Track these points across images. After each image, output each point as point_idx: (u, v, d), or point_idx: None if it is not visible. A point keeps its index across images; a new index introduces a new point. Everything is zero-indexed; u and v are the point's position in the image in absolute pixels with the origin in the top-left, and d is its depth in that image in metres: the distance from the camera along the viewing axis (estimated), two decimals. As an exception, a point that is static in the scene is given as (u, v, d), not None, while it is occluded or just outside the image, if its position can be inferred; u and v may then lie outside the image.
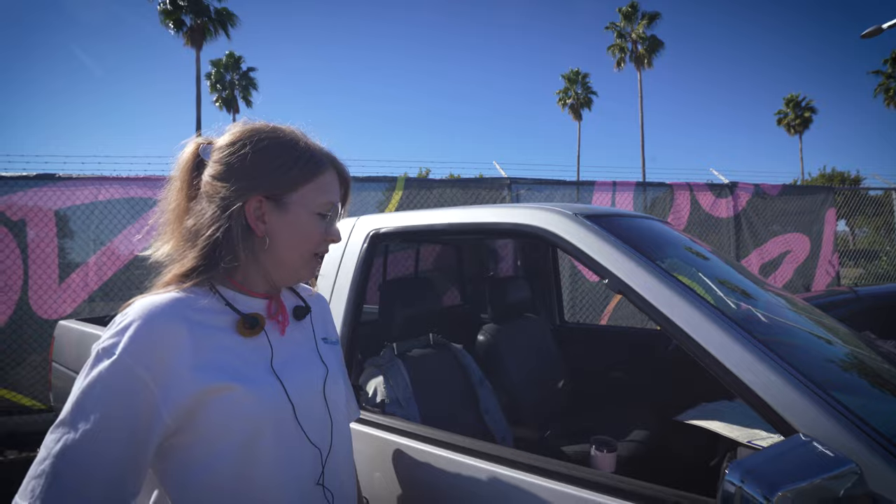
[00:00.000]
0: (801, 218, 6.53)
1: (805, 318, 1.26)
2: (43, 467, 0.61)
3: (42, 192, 4.35)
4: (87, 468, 0.62)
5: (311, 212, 0.79)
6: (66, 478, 0.61)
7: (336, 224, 0.84)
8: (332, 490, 0.80)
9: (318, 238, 0.80)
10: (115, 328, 0.67)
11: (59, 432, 0.63)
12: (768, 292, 1.35)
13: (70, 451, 0.62)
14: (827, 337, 1.18)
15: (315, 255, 0.81)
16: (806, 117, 34.42)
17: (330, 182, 0.82)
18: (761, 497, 0.53)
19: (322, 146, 0.84)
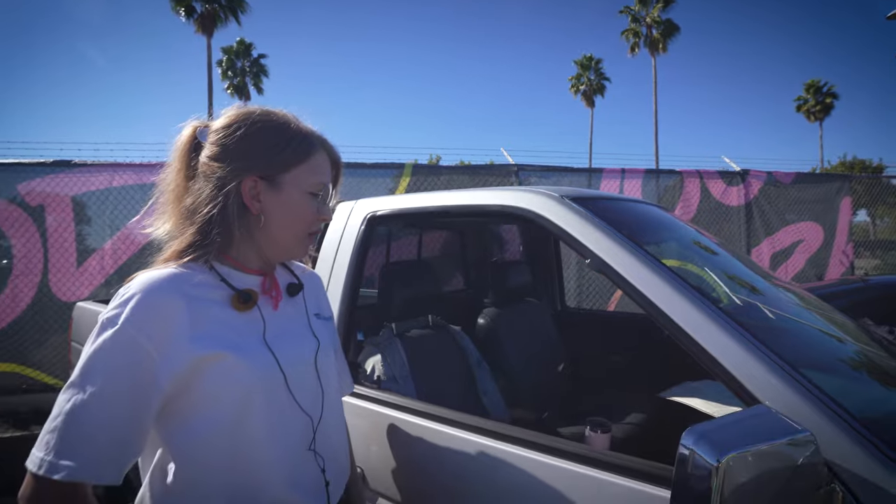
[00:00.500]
0: (815, 207, 6.41)
1: (800, 307, 1.28)
2: (56, 423, 0.67)
3: (59, 178, 4.47)
4: (94, 424, 0.67)
5: (304, 191, 0.83)
6: (75, 433, 0.67)
7: (328, 204, 0.87)
8: (324, 455, 0.85)
9: (310, 217, 0.84)
10: (118, 300, 0.73)
11: (69, 393, 0.69)
12: (760, 277, 1.37)
13: (79, 410, 0.67)
14: (814, 321, 1.20)
15: (308, 233, 0.85)
16: (827, 103, 33.52)
17: (321, 163, 0.85)
18: (712, 459, 0.56)
19: (313, 129, 0.87)
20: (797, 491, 0.64)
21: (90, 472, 0.67)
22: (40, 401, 4.35)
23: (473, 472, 1.03)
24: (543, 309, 2.48)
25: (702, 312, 0.82)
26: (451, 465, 1.06)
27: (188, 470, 0.75)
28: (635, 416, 1.96)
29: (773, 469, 0.62)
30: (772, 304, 1.18)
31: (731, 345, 0.77)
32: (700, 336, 0.80)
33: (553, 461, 0.92)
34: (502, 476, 0.98)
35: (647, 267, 0.90)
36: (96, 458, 0.67)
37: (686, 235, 1.45)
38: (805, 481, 0.64)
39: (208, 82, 23.32)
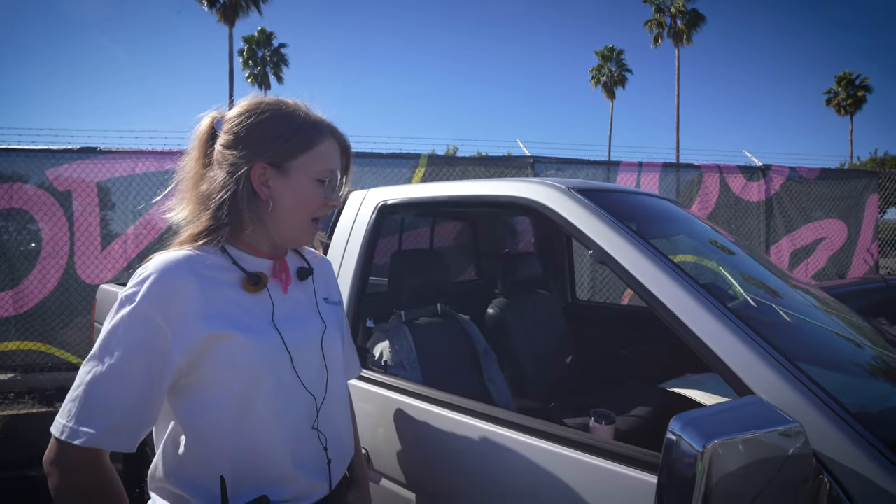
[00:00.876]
0: (840, 203, 6.24)
1: (805, 301, 1.27)
2: (77, 393, 0.72)
3: (85, 164, 4.60)
4: (111, 395, 0.72)
5: (311, 178, 0.85)
6: (94, 402, 0.71)
7: (337, 190, 0.89)
8: (326, 434, 0.89)
9: (317, 202, 0.86)
10: (136, 279, 0.77)
11: (89, 365, 0.73)
12: (774, 275, 1.36)
13: (98, 380, 0.72)
14: (824, 320, 1.19)
15: (314, 219, 0.87)
16: (859, 97, 32.38)
17: (329, 150, 0.87)
18: (698, 445, 0.58)
19: (323, 117, 0.90)
20: (786, 481, 0.65)
21: (107, 439, 0.71)
22: (65, 379, 4.53)
23: (476, 457, 1.06)
24: (553, 301, 2.49)
25: (699, 303, 0.82)
26: (455, 450, 1.09)
27: (197, 442, 0.79)
28: (641, 409, 1.96)
29: (762, 459, 0.63)
30: (783, 304, 1.18)
31: (727, 335, 0.78)
32: (697, 326, 0.81)
33: (556, 448, 0.94)
34: (505, 461, 1.01)
35: (649, 258, 0.91)
36: (112, 427, 0.71)
37: (698, 229, 1.45)
38: (794, 472, 0.65)
39: (229, 71, 23.57)
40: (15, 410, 3.98)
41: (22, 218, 4.55)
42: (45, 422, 1.64)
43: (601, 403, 1.92)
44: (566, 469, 0.91)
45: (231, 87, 23.40)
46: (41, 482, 1.94)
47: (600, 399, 2.08)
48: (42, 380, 4.51)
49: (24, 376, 4.53)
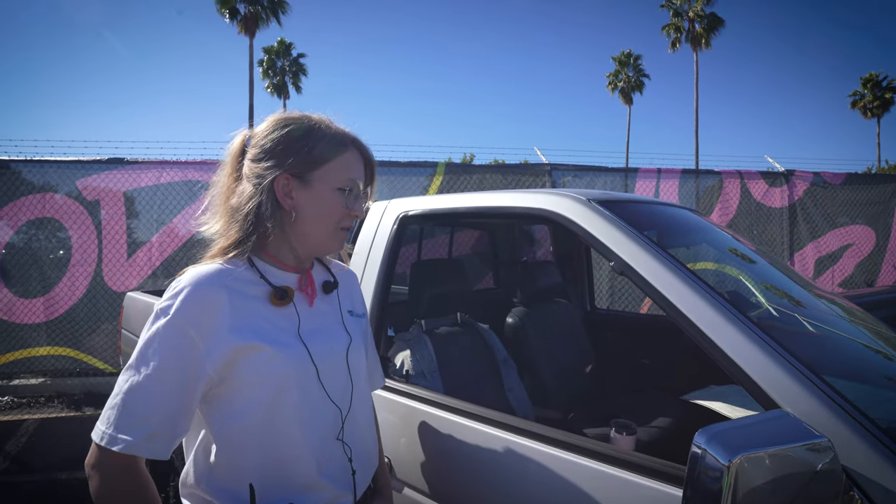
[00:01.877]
0: (868, 209, 6.08)
1: (830, 311, 1.25)
2: (115, 401, 0.76)
3: (112, 174, 4.75)
4: (147, 404, 0.75)
5: (333, 188, 0.87)
6: (131, 410, 0.75)
7: (360, 201, 0.91)
8: (351, 446, 0.90)
9: (339, 212, 0.88)
10: (170, 293, 0.81)
11: (127, 374, 0.77)
12: (797, 285, 1.34)
13: (135, 389, 0.76)
14: (851, 331, 1.17)
15: (340, 228, 0.89)
16: (886, 98, 31.51)
17: (351, 161, 0.89)
18: (724, 459, 0.58)
19: (346, 129, 0.92)
20: (814, 497, 0.65)
21: (142, 446, 0.74)
22: (92, 384, 4.65)
23: (498, 467, 1.07)
24: (573, 310, 2.48)
25: (722, 316, 0.82)
26: (477, 460, 1.10)
27: (227, 450, 0.82)
28: (662, 420, 1.94)
29: (790, 474, 0.63)
30: (807, 314, 1.16)
31: (751, 348, 0.78)
32: (720, 339, 0.80)
33: (578, 459, 0.94)
34: (527, 472, 1.01)
35: (670, 270, 0.91)
36: (148, 435, 0.74)
37: (719, 238, 1.44)
38: (823, 488, 0.65)
39: (250, 82, 24.08)
40: (45, 414, 4.10)
41: (53, 227, 4.72)
42: (73, 426, 1.66)
43: (621, 413, 1.91)
44: (588, 480, 0.92)
45: (251, 97, 23.89)
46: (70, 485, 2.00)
47: (620, 409, 2.06)
48: (70, 384, 4.64)
49: (54, 381, 4.67)
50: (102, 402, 2.86)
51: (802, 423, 0.64)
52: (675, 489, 0.81)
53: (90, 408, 4.25)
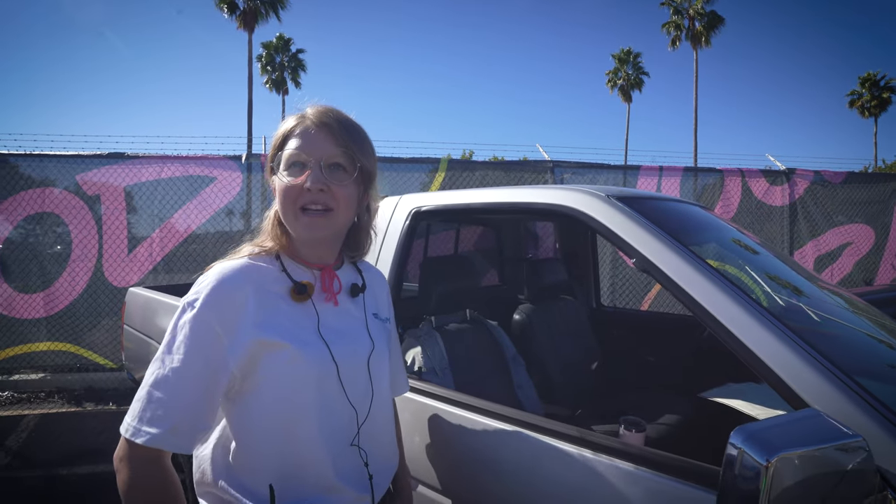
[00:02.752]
0: (867, 208, 6.10)
1: (851, 311, 1.25)
2: (142, 393, 0.76)
3: (113, 169, 4.72)
4: (171, 397, 0.75)
5: (283, 169, 0.83)
6: (156, 403, 0.74)
7: (309, 170, 0.81)
8: (368, 451, 0.89)
9: (292, 192, 0.81)
10: (197, 286, 0.80)
11: (154, 367, 0.77)
12: (807, 280, 1.34)
13: (161, 382, 0.75)
14: (871, 331, 1.17)
15: (299, 209, 0.82)
16: (884, 98, 31.59)
17: (300, 134, 0.83)
18: (761, 458, 0.57)
19: (309, 105, 0.86)
20: (846, 497, 0.64)
21: (166, 440, 0.74)
22: (92, 379, 4.63)
23: (512, 464, 1.06)
24: (579, 307, 2.48)
25: (749, 315, 0.82)
26: (492, 456, 1.09)
27: (246, 449, 0.81)
28: (669, 417, 1.94)
29: (822, 473, 0.63)
30: (816, 307, 1.16)
31: (780, 348, 0.77)
32: (747, 338, 0.80)
33: (593, 455, 0.94)
34: (540, 468, 1.01)
35: (694, 267, 0.90)
36: (171, 428, 0.74)
37: (728, 235, 1.43)
38: (854, 487, 0.64)
39: (248, 77, 23.95)
40: (45, 410, 4.08)
41: (52, 222, 4.69)
42: (74, 422, 1.63)
43: (628, 410, 1.91)
44: (602, 476, 0.91)
45: (250, 92, 23.77)
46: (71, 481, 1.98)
47: (627, 406, 2.06)
48: (71, 380, 4.62)
49: (54, 376, 4.64)
50: (103, 397, 2.88)
51: (836, 422, 0.64)
52: (691, 486, 0.80)
53: (90, 403, 4.23)
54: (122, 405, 4.17)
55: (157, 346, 2.60)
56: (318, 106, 0.86)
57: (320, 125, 0.83)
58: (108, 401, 4.26)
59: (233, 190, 4.88)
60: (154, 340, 2.45)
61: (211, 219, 4.86)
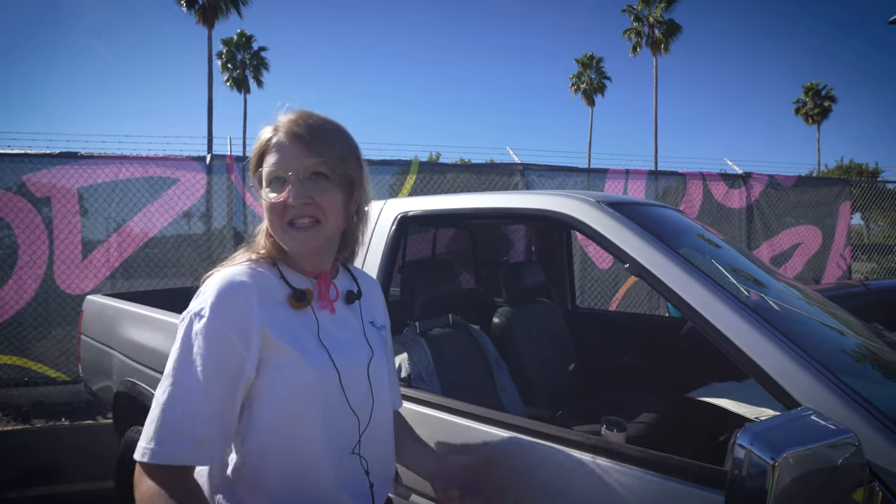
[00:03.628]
0: (815, 210, 6.49)
1: (814, 307, 1.31)
2: (154, 415, 0.72)
3: (65, 170, 4.46)
4: (193, 410, 0.71)
5: (267, 185, 0.81)
6: (175, 421, 0.71)
7: (289, 185, 0.79)
8: (369, 459, 0.88)
9: (277, 208, 0.79)
10: (201, 296, 0.78)
11: (164, 385, 0.73)
12: (779, 281, 1.41)
13: (175, 399, 0.71)
14: (836, 326, 1.24)
15: (286, 223, 0.80)
16: (825, 106, 33.71)
17: (275, 147, 0.81)
18: (768, 458, 0.60)
19: (282, 116, 0.83)
20: (837, 490, 0.68)
21: (193, 455, 0.71)
22: (42, 394, 4.35)
23: (505, 467, 1.06)
24: (555, 309, 2.52)
25: (741, 317, 0.85)
26: (484, 461, 1.09)
27: (248, 461, 0.79)
28: (647, 416, 2.00)
29: (816, 469, 0.65)
30: (799, 307, 1.21)
31: (771, 349, 0.80)
32: (740, 340, 0.83)
33: (581, 455, 0.96)
34: (532, 470, 1.02)
35: (686, 272, 0.93)
36: (197, 442, 0.71)
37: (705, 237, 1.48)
38: (845, 481, 0.68)
39: (208, 74, 23.19)
40: (-11, 427, 3.80)
41: (-4, 225, 4.38)
42: (22, 439, 1.51)
43: (607, 410, 1.95)
44: (592, 476, 0.93)
45: (210, 90, 23.01)
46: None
47: (605, 406, 2.11)
48: (17, 395, 4.32)
49: (-1, 391, 4.34)
50: (54, 412, 2.71)
51: (831, 420, 0.67)
52: (683, 483, 0.83)
53: (40, 420, 3.97)
54: (77, 420, 3.94)
55: (118, 356, 2.46)
56: (288, 114, 0.83)
57: (292, 136, 0.80)
58: (60, 416, 4.01)
59: (197, 192, 4.71)
60: (116, 351, 2.33)
61: (174, 222, 4.66)
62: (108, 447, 3.18)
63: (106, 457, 3.02)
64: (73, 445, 3.51)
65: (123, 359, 2.23)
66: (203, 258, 4.77)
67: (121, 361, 2.25)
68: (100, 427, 3.81)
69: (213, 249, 4.80)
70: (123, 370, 2.21)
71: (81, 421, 3.97)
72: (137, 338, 2.15)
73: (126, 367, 2.19)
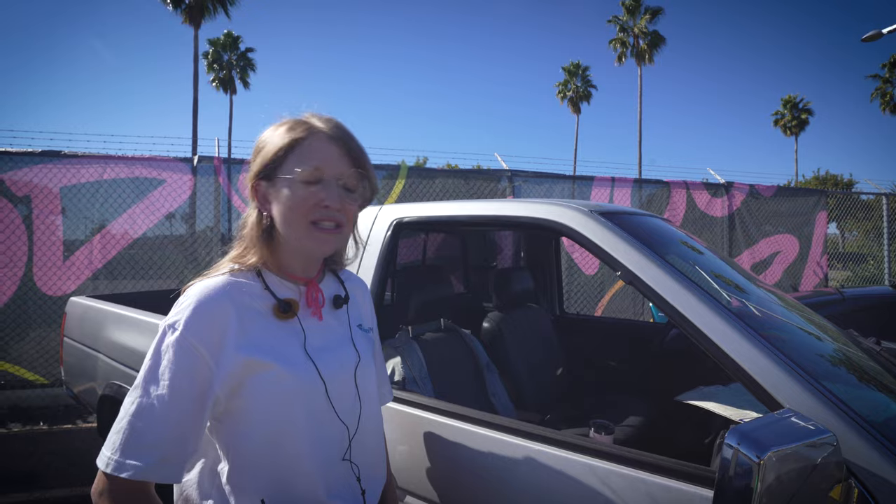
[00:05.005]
0: (793, 220, 6.68)
1: (795, 314, 1.37)
2: (122, 424, 0.71)
3: (47, 168, 4.37)
4: (158, 426, 0.71)
5: (297, 181, 0.80)
6: (140, 434, 0.71)
7: (332, 189, 0.80)
8: (359, 465, 0.88)
9: (305, 206, 0.79)
10: (178, 308, 0.77)
11: (133, 395, 0.73)
12: (761, 289, 1.46)
13: (143, 411, 0.71)
14: (815, 332, 1.29)
15: (311, 223, 0.80)
16: (802, 119, 34.69)
17: (314, 147, 0.81)
18: (754, 456, 0.63)
19: (312, 116, 0.85)
20: (817, 486, 0.71)
21: (153, 471, 0.70)
22: (19, 397, 4.23)
23: (498, 469, 1.08)
24: (544, 314, 2.56)
25: (727, 323, 0.89)
26: (478, 463, 1.11)
27: (235, 472, 0.79)
28: (633, 419, 2.04)
29: (797, 467, 0.69)
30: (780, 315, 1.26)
31: (756, 354, 0.84)
32: (726, 344, 0.87)
33: (571, 456, 0.99)
34: (524, 471, 1.04)
35: (675, 279, 0.97)
36: (160, 459, 0.71)
37: (690, 245, 1.53)
38: (824, 479, 0.71)
39: (194, 75, 22.90)
40: (-37, 433, 3.69)
41: (-28, 224, 4.27)
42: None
43: (593, 414, 1.99)
44: (587, 478, 0.96)
45: (195, 90, 22.73)
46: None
47: (592, 409, 2.15)
48: (-6, 398, 4.21)
49: (-27, 394, 4.22)
50: (32, 416, 2.67)
51: (812, 420, 0.71)
52: (671, 481, 0.87)
53: (17, 424, 3.87)
54: (56, 424, 3.85)
55: (103, 359, 2.43)
56: (326, 117, 0.85)
57: (335, 140, 0.83)
58: (39, 420, 3.92)
59: (183, 194, 4.65)
60: (101, 354, 2.30)
61: (159, 223, 4.60)
62: (88, 452, 3.11)
63: (86, 462, 2.96)
64: (51, 450, 3.43)
65: (109, 361, 2.20)
66: (189, 260, 4.72)
67: (106, 364, 2.23)
68: (80, 431, 3.73)
69: (198, 251, 4.75)
70: (108, 373, 2.18)
71: (61, 425, 3.89)
72: (123, 340, 2.13)
73: (111, 369, 2.17)
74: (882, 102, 30.59)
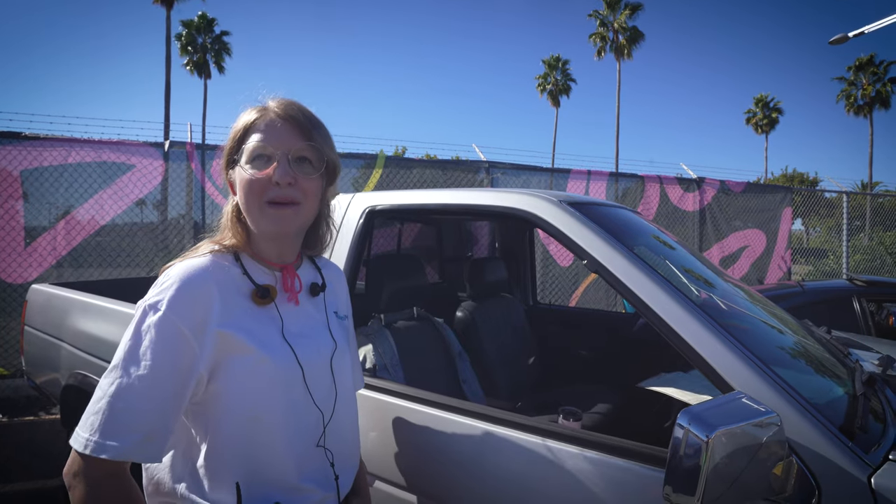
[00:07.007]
0: (760, 215, 6.90)
1: (753, 304, 1.43)
2: (100, 405, 0.70)
3: (6, 150, 4.18)
4: (141, 406, 0.71)
5: (248, 161, 0.81)
6: (121, 414, 0.70)
7: (278, 164, 0.79)
8: (333, 451, 0.89)
9: (258, 185, 0.79)
10: (159, 287, 0.76)
11: (112, 376, 0.72)
12: (724, 280, 1.51)
13: (123, 392, 0.70)
14: (773, 323, 1.35)
15: (265, 203, 0.80)
16: (773, 118, 35.69)
17: (263, 127, 0.82)
18: (703, 435, 0.66)
19: (267, 98, 0.85)
20: (762, 463, 0.76)
21: (136, 451, 0.70)
22: (-23, 388, 4.09)
23: (466, 453, 1.11)
24: (517, 304, 2.59)
25: (686, 311, 0.92)
26: (446, 448, 1.13)
27: (210, 455, 0.79)
28: (601, 406, 2.10)
29: (745, 445, 0.73)
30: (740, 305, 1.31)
31: (711, 340, 0.88)
32: (684, 332, 0.90)
33: (539, 440, 1.02)
34: (492, 455, 1.07)
35: (640, 269, 1.00)
36: (142, 439, 0.70)
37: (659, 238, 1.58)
38: (769, 456, 0.76)
39: (166, 57, 22.16)
40: (-83, 425, 3.54)
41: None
42: None
43: (563, 401, 2.03)
44: (554, 462, 0.99)
45: (168, 74, 22.01)
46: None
47: (562, 397, 2.20)
48: (-51, 389, 4.04)
49: (-73, 387, 4.05)
50: None
51: (757, 402, 0.75)
52: (637, 464, 0.91)
53: (-26, 415, 3.74)
54: (16, 416, 3.73)
55: (67, 348, 2.37)
56: (280, 98, 0.85)
57: (286, 118, 0.82)
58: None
59: (154, 180, 4.52)
60: (65, 343, 2.24)
61: (129, 209, 4.47)
62: (51, 444, 3.03)
63: (50, 454, 2.88)
64: (13, 443, 3.32)
65: (73, 350, 2.15)
66: (159, 248, 4.60)
67: (70, 353, 2.16)
68: (42, 423, 3.62)
69: (169, 239, 4.63)
70: (73, 362, 2.12)
71: (22, 417, 3.77)
72: (90, 328, 2.07)
73: (76, 359, 2.11)
74: (847, 104, 31.67)
